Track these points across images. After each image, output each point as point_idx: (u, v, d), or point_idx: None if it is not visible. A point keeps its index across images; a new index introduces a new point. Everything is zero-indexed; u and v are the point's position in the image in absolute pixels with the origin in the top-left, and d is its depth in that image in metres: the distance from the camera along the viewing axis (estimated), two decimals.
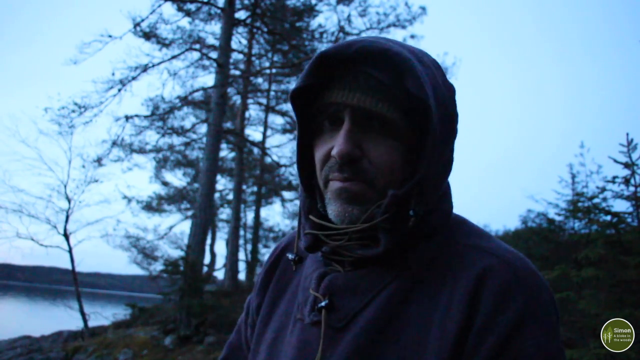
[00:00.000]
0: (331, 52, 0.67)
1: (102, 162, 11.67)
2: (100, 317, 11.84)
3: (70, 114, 10.28)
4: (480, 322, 0.62)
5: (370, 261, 0.71)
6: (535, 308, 0.63)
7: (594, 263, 3.80)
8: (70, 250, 11.48)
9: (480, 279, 0.64)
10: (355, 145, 0.67)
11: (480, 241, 0.70)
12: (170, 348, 8.08)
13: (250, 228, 18.80)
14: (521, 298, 0.62)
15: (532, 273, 0.66)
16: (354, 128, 0.68)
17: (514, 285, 0.63)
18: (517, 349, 0.60)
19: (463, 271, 0.66)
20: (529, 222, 8.27)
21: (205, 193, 9.64)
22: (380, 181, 0.68)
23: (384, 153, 0.68)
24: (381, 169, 0.68)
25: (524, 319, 0.61)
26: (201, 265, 9.68)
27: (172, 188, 19.10)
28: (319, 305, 0.71)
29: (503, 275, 0.64)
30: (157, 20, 11.53)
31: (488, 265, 0.65)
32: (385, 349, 0.65)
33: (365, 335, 0.66)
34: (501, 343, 0.60)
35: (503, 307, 0.62)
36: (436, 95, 0.67)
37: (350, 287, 0.70)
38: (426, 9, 12.36)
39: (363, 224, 0.68)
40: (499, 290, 0.63)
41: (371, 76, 0.66)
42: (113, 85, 10.19)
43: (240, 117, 14.59)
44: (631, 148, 3.83)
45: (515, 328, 0.61)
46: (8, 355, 8.73)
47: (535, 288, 0.65)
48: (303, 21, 13.19)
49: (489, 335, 0.61)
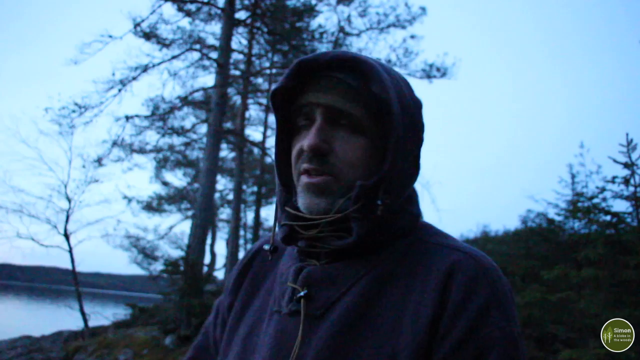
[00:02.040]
0: (308, 59, 0.77)
1: (102, 162, 11.67)
2: (100, 317, 11.85)
3: (71, 114, 10.27)
4: (451, 309, 0.68)
5: (345, 255, 0.76)
6: (499, 297, 0.70)
7: (593, 263, 3.81)
8: (71, 250, 11.49)
9: (450, 271, 0.71)
10: (324, 140, 0.74)
11: (447, 240, 0.78)
12: (170, 348, 8.08)
13: (250, 228, 18.81)
14: (486, 288, 0.70)
15: (494, 267, 0.74)
16: (325, 125, 0.75)
17: (480, 277, 0.71)
18: (484, 332, 0.67)
19: (433, 265, 0.73)
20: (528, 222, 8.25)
21: (205, 193, 9.64)
22: (345, 175, 0.74)
23: (351, 149, 0.74)
24: (347, 164, 0.74)
25: (490, 306, 0.69)
26: (201, 265, 9.68)
27: (172, 188, 19.11)
28: (298, 295, 0.75)
29: (470, 268, 0.71)
30: (158, 21, 11.53)
31: (457, 260, 0.72)
32: (361, 333, 0.70)
33: (342, 321, 0.71)
34: (470, 326, 0.67)
35: (471, 296, 0.69)
36: (400, 100, 0.75)
37: (327, 278, 0.75)
38: (426, 9, 12.37)
39: (336, 214, 0.74)
40: (467, 281, 0.70)
41: (342, 80, 0.75)
42: (113, 85, 10.19)
43: (240, 117, 14.59)
44: (631, 148, 3.84)
45: (482, 314, 0.68)
46: (8, 355, 8.74)
47: (498, 280, 0.72)
48: (303, 21, 13.18)
49: (459, 320, 0.68)
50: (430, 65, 12.21)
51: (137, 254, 17.46)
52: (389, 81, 0.74)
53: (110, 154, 11.52)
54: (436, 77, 12.19)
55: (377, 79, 0.73)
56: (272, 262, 0.89)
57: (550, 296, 4.11)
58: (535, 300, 4.26)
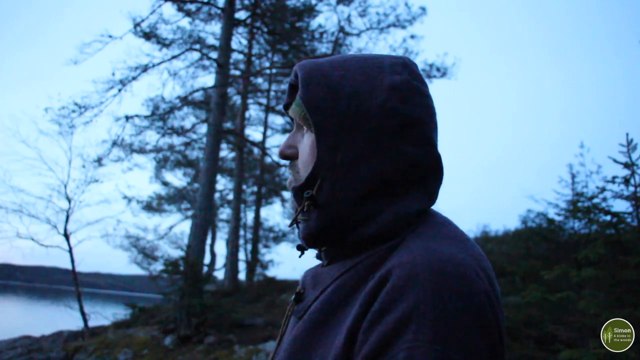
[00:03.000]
0: (291, 77, 0.83)
1: (102, 162, 11.67)
2: (100, 317, 11.83)
3: (71, 114, 10.29)
4: (367, 322, 0.59)
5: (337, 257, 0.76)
6: (427, 309, 0.55)
7: (593, 263, 3.81)
8: (71, 250, 11.48)
9: (384, 277, 0.61)
10: (290, 146, 0.81)
11: (424, 242, 0.65)
12: (170, 348, 8.08)
13: (250, 228, 18.80)
14: (413, 298, 0.56)
15: (443, 270, 0.58)
16: (295, 132, 0.82)
17: (412, 283, 0.57)
18: (391, 353, 0.55)
19: (378, 271, 0.64)
20: (528, 222, 8.26)
21: (205, 193, 9.64)
22: (302, 175, 0.78)
23: (304, 149, 0.79)
24: (302, 165, 0.79)
25: (410, 319, 0.55)
26: (201, 265, 9.68)
27: (172, 188, 19.13)
28: (292, 298, 0.80)
29: (404, 272, 0.59)
30: (157, 21, 11.56)
31: (397, 263, 0.61)
32: (317, 340, 0.67)
33: (305, 325, 0.70)
34: (380, 344, 0.56)
35: (392, 306, 0.57)
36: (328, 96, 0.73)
37: (313, 282, 0.78)
38: (426, 9, 12.39)
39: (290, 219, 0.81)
40: (393, 288, 0.58)
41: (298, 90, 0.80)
42: (113, 85, 10.20)
43: (240, 117, 14.59)
44: (631, 148, 3.83)
45: (396, 329, 0.55)
46: (8, 355, 8.74)
47: (438, 286, 0.57)
48: (303, 21, 13.19)
49: (371, 335, 0.57)
50: (430, 65, 12.22)
51: (137, 254, 17.49)
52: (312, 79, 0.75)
53: (110, 154, 11.55)
54: (436, 77, 12.21)
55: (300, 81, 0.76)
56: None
57: (550, 296, 4.11)
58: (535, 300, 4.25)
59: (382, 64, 0.76)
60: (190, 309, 8.39)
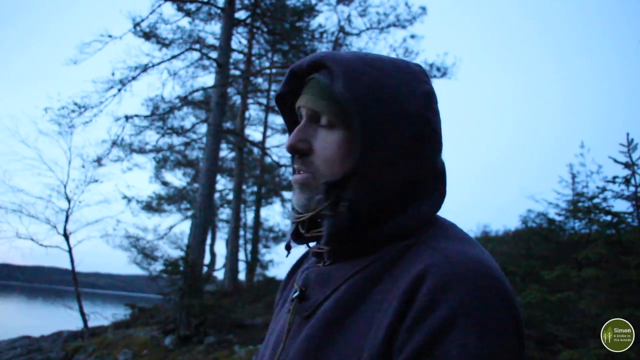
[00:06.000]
0: (295, 66, 0.81)
1: (102, 162, 11.67)
2: (100, 317, 11.84)
3: (70, 114, 10.28)
4: (410, 320, 0.61)
5: (346, 255, 0.76)
6: (469, 309, 0.59)
7: (594, 263, 3.80)
8: (70, 250, 11.48)
9: (419, 276, 0.63)
10: (302, 139, 0.77)
11: (446, 243, 0.68)
12: (170, 348, 8.07)
13: (250, 228, 18.80)
14: (455, 298, 0.59)
15: (480, 271, 0.63)
16: (308, 125, 0.78)
17: (452, 283, 0.61)
18: (441, 350, 0.58)
19: (412, 268, 0.66)
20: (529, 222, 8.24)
21: (205, 193, 9.64)
22: (323, 172, 0.75)
23: (327, 146, 0.75)
24: (324, 161, 0.75)
25: (456, 318, 0.58)
26: (201, 265, 9.67)
27: (172, 188, 19.10)
28: (293, 296, 0.78)
29: (442, 273, 0.62)
30: (157, 20, 11.54)
31: (431, 263, 0.64)
32: (335, 339, 0.68)
33: (320, 324, 0.70)
34: (427, 341, 0.59)
35: (436, 305, 0.60)
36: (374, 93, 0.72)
37: (319, 280, 0.77)
38: (426, 9, 12.38)
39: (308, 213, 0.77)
40: (434, 288, 0.61)
41: (318, 81, 0.77)
42: (113, 85, 10.19)
43: (240, 117, 14.59)
44: (631, 148, 3.83)
45: (444, 328, 0.58)
46: (8, 355, 8.73)
47: (478, 289, 0.61)
48: (303, 21, 13.18)
49: (416, 333, 0.60)
50: (430, 64, 12.21)
51: (137, 254, 17.44)
52: (359, 75, 0.72)
53: (110, 153, 11.54)
54: (436, 77, 12.19)
55: (338, 75, 0.73)
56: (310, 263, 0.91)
57: (551, 296, 4.10)
58: (535, 300, 4.25)
59: (411, 70, 0.79)
60: (190, 309, 8.38)
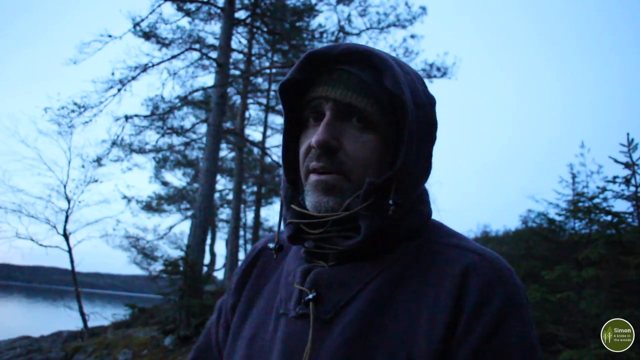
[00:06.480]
0: (319, 51, 0.73)
1: (101, 162, 11.66)
2: (100, 317, 11.83)
3: (70, 114, 10.26)
4: (467, 314, 0.66)
5: (353, 256, 0.73)
6: (514, 302, 0.68)
7: (594, 263, 3.80)
8: (70, 250, 11.47)
9: (464, 275, 0.69)
10: (333, 136, 0.71)
11: (459, 241, 0.75)
12: (170, 348, 8.07)
13: (250, 228, 18.81)
14: (503, 293, 0.68)
15: (509, 270, 0.72)
16: (334, 121, 0.72)
17: (496, 281, 0.69)
18: (502, 339, 0.65)
19: (447, 267, 0.70)
20: (529, 222, 8.23)
21: (205, 193, 9.63)
22: (355, 173, 0.71)
23: (361, 147, 0.71)
24: (357, 162, 0.71)
25: (507, 311, 0.67)
26: (201, 265, 9.67)
27: (172, 188, 19.09)
28: (307, 298, 0.72)
29: (486, 271, 0.69)
30: (157, 20, 11.52)
31: (471, 262, 0.70)
32: (375, 339, 0.67)
33: (354, 326, 0.68)
34: (487, 333, 0.65)
35: (487, 301, 0.67)
36: (414, 97, 0.72)
37: (336, 281, 0.72)
38: (426, 9, 12.36)
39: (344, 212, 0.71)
40: (482, 285, 0.68)
41: (353, 74, 0.71)
42: (113, 85, 10.18)
43: (240, 117, 14.58)
44: (632, 148, 3.82)
45: (499, 319, 0.66)
46: (7, 355, 8.72)
47: (514, 283, 0.70)
48: (303, 21, 13.17)
49: (476, 326, 0.66)
50: (430, 64, 12.21)
51: (137, 254, 17.43)
52: (402, 76, 0.71)
53: (110, 153, 11.52)
54: (436, 77, 12.18)
55: (390, 73, 0.69)
56: (276, 262, 0.86)
57: (551, 296, 4.09)
58: (535, 300, 4.24)
59: (419, 76, 0.80)
60: (189, 309, 8.37)
